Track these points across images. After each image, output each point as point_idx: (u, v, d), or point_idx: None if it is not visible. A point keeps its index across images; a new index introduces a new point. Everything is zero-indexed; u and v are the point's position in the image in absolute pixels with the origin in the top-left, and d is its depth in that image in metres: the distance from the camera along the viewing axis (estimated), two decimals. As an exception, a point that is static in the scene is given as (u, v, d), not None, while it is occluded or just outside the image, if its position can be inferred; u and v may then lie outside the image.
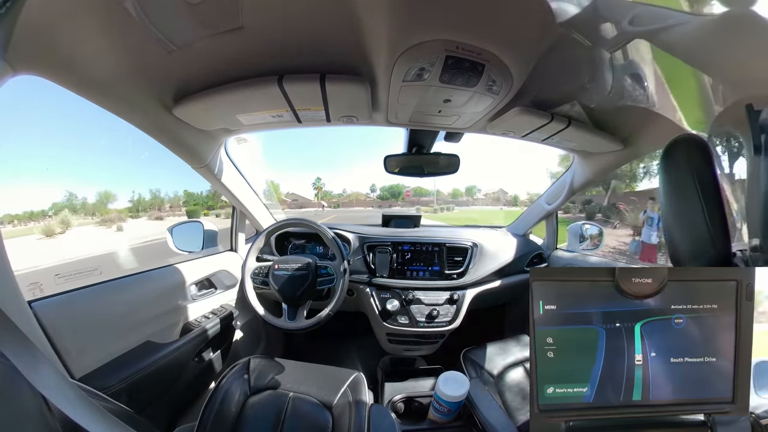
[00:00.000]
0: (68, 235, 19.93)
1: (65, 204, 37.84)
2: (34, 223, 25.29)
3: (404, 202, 53.25)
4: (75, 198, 40.43)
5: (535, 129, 1.01)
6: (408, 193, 32.52)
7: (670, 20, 0.60)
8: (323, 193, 55.51)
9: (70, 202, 38.74)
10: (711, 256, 0.52)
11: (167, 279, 1.11)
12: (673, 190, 0.56)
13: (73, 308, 0.78)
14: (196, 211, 37.60)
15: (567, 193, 1.47)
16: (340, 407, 0.87)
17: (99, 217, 27.76)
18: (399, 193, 54.53)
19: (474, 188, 56.27)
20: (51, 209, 33.15)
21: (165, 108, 0.82)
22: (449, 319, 1.37)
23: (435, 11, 0.55)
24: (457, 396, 1.01)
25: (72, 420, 0.33)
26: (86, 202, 39.80)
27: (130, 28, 0.58)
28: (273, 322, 1.16)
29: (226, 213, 1.99)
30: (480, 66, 0.66)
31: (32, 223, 25.54)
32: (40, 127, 76.99)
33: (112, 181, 78.97)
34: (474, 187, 56.56)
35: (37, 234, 18.85)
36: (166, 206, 39.30)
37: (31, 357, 0.34)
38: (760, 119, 0.54)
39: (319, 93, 0.79)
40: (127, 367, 0.84)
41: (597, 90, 0.88)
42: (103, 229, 22.48)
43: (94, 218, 26.08)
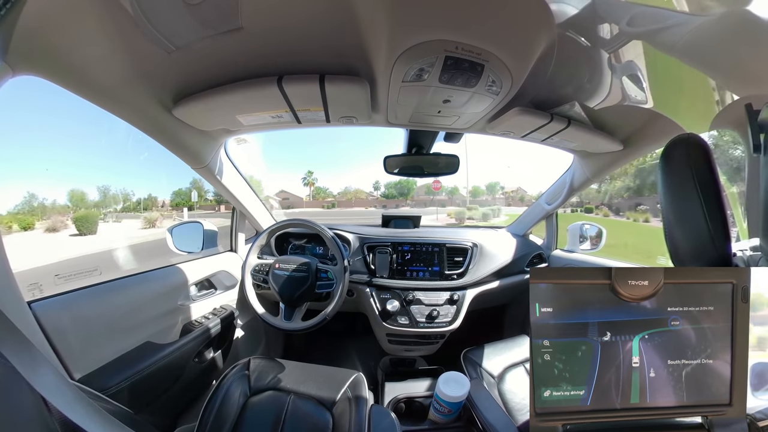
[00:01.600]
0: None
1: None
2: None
3: (414, 202, 43.43)
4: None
5: (535, 129, 1.01)
6: (437, 185, 24.03)
7: (669, 20, 0.60)
8: (317, 190, 45.11)
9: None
10: (711, 256, 0.52)
11: (167, 279, 1.11)
12: (673, 190, 0.56)
13: (73, 309, 0.78)
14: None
15: (567, 193, 1.47)
16: (340, 408, 0.87)
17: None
18: (409, 190, 43.82)
19: (497, 185, 46.34)
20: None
21: (165, 109, 0.82)
22: (449, 320, 1.37)
23: (434, 11, 0.55)
24: (457, 396, 1.01)
25: (71, 421, 0.33)
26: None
27: (129, 29, 0.58)
28: (270, 321, 1.16)
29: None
30: (479, 66, 0.66)
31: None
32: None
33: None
34: (497, 183, 46.75)
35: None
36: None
37: (31, 358, 0.34)
38: (760, 119, 0.54)
39: (318, 93, 0.79)
40: (127, 367, 0.84)
41: (596, 90, 0.88)
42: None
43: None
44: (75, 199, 31.65)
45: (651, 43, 0.68)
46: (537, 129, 1.01)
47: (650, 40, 0.67)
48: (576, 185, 1.42)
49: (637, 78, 0.80)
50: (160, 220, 21.75)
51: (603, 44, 0.70)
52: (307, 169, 76.17)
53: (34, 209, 28.90)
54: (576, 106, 0.94)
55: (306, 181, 44.48)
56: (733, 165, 0.85)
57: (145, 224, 20.96)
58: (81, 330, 0.78)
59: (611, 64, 0.76)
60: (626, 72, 0.79)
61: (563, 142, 1.13)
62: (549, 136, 1.07)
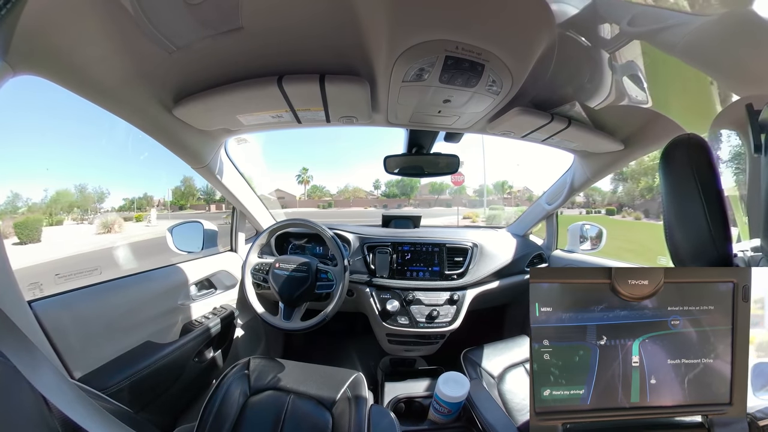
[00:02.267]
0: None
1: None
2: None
3: (418, 201, 39.90)
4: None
5: (535, 129, 1.01)
6: (459, 180, 19.71)
7: (670, 20, 0.60)
8: (313, 188, 41.44)
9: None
10: (711, 256, 0.52)
11: (167, 279, 1.11)
12: (674, 191, 0.56)
13: (73, 308, 0.78)
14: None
15: (567, 193, 1.47)
16: (340, 407, 0.87)
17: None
18: (412, 189, 40.48)
19: (505, 184, 40.99)
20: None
21: (165, 108, 0.82)
22: (449, 320, 1.37)
23: (434, 11, 0.55)
24: (457, 396, 1.01)
25: (71, 420, 0.33)
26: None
27: (130, 29, 0.58)
28: (269, 320, 1.16)
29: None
30: (480, 66, 0.66)
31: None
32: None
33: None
34: (505, 182, 41.18)
35: None
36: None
37: (31, 357, 0.34)
38: (760, 119, 0.54)
39: (318, 93, 0.79)
40: (127, 367, 0.84)
41: (597, 90, 0.88)
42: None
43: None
44: (51, 200, 27.65)
45: (652, 43, 0.68)
46: (537, 129, 1.01)
47: (651, 40, 0.67)
48: (576, 185, 1.42)
49: (637, 78, 0.80)
50: (118, 224, 17.75)
51: (603, 44, 0.70)
52: (302, 166, 69.34)
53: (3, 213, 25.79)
54: (576, 106, 0.94)
55: (300, 179, 40.66)
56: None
57: (101, 229, 17.14)
58: (81, 329, 0.78)
59: (612, 64, 0.76)
60: (627, 72, 0.79)
61: (563, 142, 1.13)
62: (549, 136, 1.07)
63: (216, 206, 32.04)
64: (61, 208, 26.67)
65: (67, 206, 27.01)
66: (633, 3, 0.61)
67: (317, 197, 40.77)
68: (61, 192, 28.10)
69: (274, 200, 12.01)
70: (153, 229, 16.96)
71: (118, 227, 17.44)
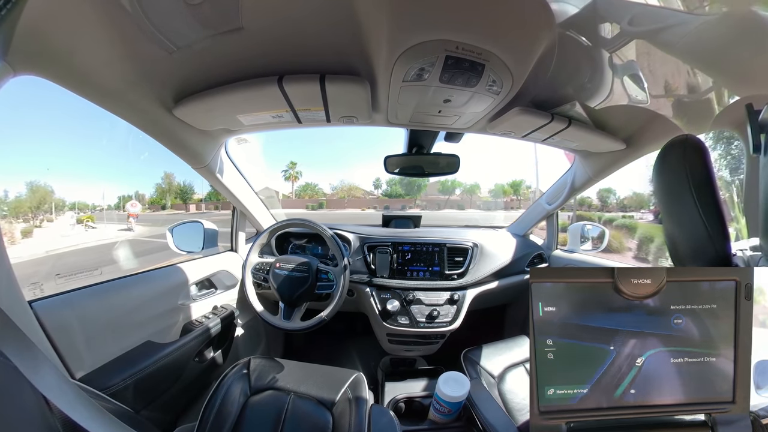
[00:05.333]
0: None
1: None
2: None
3: (426, 202, 35.48)
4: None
5: (536, 129, 1.01)
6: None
7: (670, 20, 0.60)
8: (305, 186, 36.49)
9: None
10: (710, 256, 0.52)
11: (167, 279, 1.11)
12: (668, 192, 0.56)
13: (74, 308, 0.78)
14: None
15: (568, 193, 1.47)
16: (340, 407, 0.87)
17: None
18: (419, 188, 35.85)
19: (521, 183, 36.21)
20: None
21: (165, 108, 0.82)
22: (449, 320, 1.37)
23: (435, 11, 0.55)
24: (457, 396, 1.01)
25: (72, 420, 0.33)
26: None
27: (130, 29, 0.58)
28: (268, 320, 1.16)
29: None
30: (480, 66, 0.66)
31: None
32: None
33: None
34: (522, 182, 36.14)
35: None
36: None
37: (32, 357, 0.34)
38: (760, 119, 0.54)
39: (318, 93, 0.79)
40: (128, 367, 0.84)
41: (597, 90, 0.88)
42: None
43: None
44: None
45: (652, 42, 0.68)
46: (537, 129, 1.01)
47: (651, 40, 0.67)
48: (577, 185, 1.42)
49: (637, 77, 0.80)
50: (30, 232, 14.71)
51: (604, 44, 0.70)
52: (290, 160, 57.46)
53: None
54: (577, 105, 0.94)
55: (287, 175, 34.88)
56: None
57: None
58: (82, 329, 0.78)
59: (612, 64, 0.76)
60: (627, 71, 0.79)
61: (564, 141, 1.13)
62: (550, 136, 1.07)
63: (196, 207, 29.10)
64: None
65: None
66: (633, 2, 0.61)
67: (308, 196, 36.03)
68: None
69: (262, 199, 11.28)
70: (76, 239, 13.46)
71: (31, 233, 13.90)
